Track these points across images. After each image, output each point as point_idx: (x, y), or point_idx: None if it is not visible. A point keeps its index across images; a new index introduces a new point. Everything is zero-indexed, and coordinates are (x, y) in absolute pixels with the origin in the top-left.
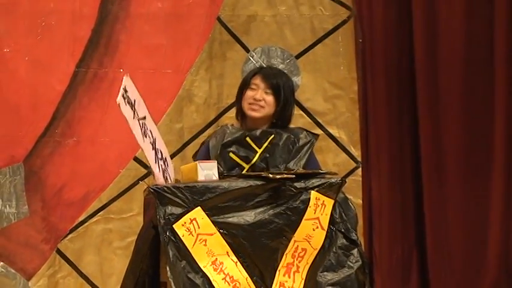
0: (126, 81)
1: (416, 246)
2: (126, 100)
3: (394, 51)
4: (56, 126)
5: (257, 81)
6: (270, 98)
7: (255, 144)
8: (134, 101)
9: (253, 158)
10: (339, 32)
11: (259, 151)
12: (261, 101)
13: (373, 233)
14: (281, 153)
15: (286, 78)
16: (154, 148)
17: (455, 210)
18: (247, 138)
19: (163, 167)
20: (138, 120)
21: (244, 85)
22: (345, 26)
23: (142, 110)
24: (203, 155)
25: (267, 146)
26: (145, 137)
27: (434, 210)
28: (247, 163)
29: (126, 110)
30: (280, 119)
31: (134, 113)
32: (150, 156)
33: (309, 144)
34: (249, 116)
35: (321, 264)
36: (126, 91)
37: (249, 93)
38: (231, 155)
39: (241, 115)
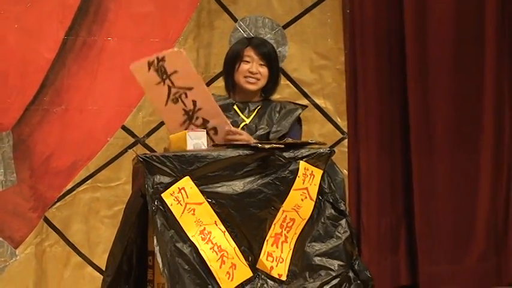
0: (176, 55)
1: (404, 217)
2: (154, 67)
3: (384, 22)
4: (44, 94)
5: (250, 53)
6: (264, 70)
7: (242, 113)
8: (174, 71)
9: (241, 123)
10: (327, 3)
11: (247, 121)
12: (257, 73)
13: (361, 203)
14: (267, 119)
15: (274, 48)
16: (190, 115)
17: (444, 180)
18: (235, 107)
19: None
20: (169, 86)
21: (236, 57)
22: None
23: (189, 81)
24: None
25: (255, 116)
26: (175, 103)
27: (423, 181)
28: (236, 126)
29: (146, 76)
30: (270, 88)
31: (164, 80)
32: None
33: (295, 112)
34: (245, 89)
35: (309, 235)
36: (162, 60)
37: (243, 66)
38: None
39: (232, 87)
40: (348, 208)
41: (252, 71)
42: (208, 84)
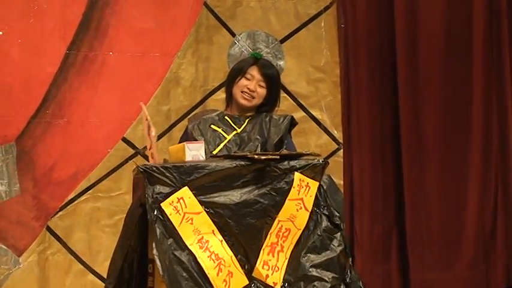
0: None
1: (396, 225)
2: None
3: (376, 36)
4: (47, 107)
5: (254, 72)
6: (262, 91)
7: (234, 124)
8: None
9: (232, 132)
10: (322, 18)
11: (239, 130)
12: (254, 92)
13: (354, 212)
14: (259, 129)
15: (278, 72)
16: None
17: (434, 189)
18: (226, 117)
19: None
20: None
21: (240, 72)
22: (328, 12)
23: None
24: (187, 137)
25: (246, 125)
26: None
27: (414, 190)
28: (228, 135)
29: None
30: (266, 110)
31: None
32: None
33: (284, 119)
34: (239, 103)
35: (305, 246)
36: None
37: (243, 81)
38: (213, 126)
39: (229, 99)
40: (343, 222)
41: (250, 88)
42: (206, 97)
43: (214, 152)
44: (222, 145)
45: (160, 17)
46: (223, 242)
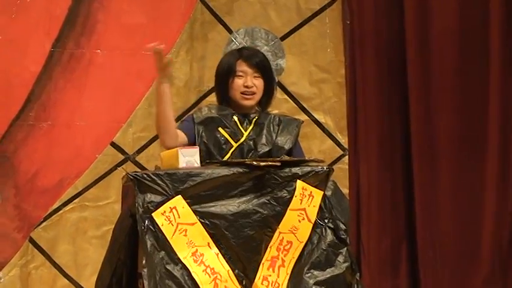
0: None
1: (406, 237)
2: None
3: (384, 33)
4: (30, 109)
5: (243, 67)
6: (259, 82)
7: (242, 125)
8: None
9: (241, 137)
10: (326, 13)
11: (246, 133)
12: (252, 87)
13: (360, 223)
14: (266, 135)
15: (265, 57)
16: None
17: (447, 199)
18: (235, 117)
19: None
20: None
21: (229, 72)
22: (332, 7)
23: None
24: (188, 122)
25: (252, 128)
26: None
27: (426, 200)
28: (235, 141)
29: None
30: (265, 101)
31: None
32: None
33: (295, 124)
34: (241, 105)
35: (308, 261)
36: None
37: (237, 81)
38: (220, 129)
39: (227, 102)
40: (349, 235)
41: (248, 85)
42: (202, 99)
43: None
44: (228, 154)
45: (152, 12)
46: (220, 255)
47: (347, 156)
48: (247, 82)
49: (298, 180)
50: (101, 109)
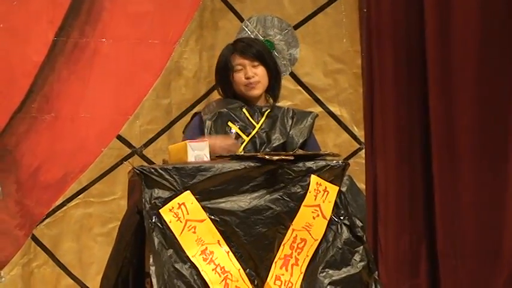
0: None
1: (425, 236)
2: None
3: (403, 21)
4: (32, 100)
5: (239, 60)
6: (259, 70)
7: (252, 118)
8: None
9: (253, 130)
10: (342, 1)
11: (257, 126)
12: (254, 76)
13: (378, 221)
14: (280, 127)
15: (262, 44)
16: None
17: (469, 195)
18: (244, 110)
19: None
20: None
21: (227, 68)
22: None
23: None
24: (196, 126)
25: (264, 121)
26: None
27: (446, 196)
28: (246, 135)
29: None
30: (273, 87)
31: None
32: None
33: (309, 117)
34: (249, 96)
35: (323, 260)
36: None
37: (238, 75)
38: (230, 124)
39: (233, 96)
40: (366, 234)
41: (248, 76)
42: (212, 89)
43: None
44: (241, 149)
45: (160, 0)
46: (230, 253)
47: (363, 150)
48: (247, 73)
49: (312, 175)
50: (106, 101)
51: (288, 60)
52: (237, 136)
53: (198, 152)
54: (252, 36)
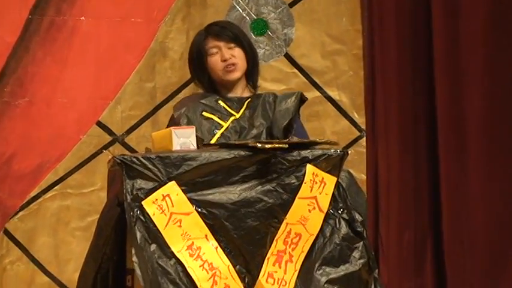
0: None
1: (430, 230)
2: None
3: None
4: (4, 84)
5: (212, 43)
6: (236, 51)
7: (231, 108)
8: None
9: (230, 118)
10: None
11: (237, 115)
12: (230, 58)
13: (379, 215)
14: (262, 112)
15: (236, 26)
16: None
17: (478, 187)
18: (220, 101)
19: None
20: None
21: (201, 54)
22: None
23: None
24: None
25: (245, 109)
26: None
27: (453, 188)
28: (225, 122)
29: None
30: (252, 70)
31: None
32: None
33: (293, 96)
34: (227, 81)
35: (319, 256)
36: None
37: (213, 59)
38: (205, 113)
39: (210, 86)
40: (366, 229)
41: (225, 58)
42: None
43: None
44: (218, 134)
45: None
46: (219, 248)
47: (364, 138)
48: (224, 56)
49: (308, 165)
50: (85, 84)
51: (282, 41)
52: (214, 123)
53: (183, 139)
54: (244, 15)
